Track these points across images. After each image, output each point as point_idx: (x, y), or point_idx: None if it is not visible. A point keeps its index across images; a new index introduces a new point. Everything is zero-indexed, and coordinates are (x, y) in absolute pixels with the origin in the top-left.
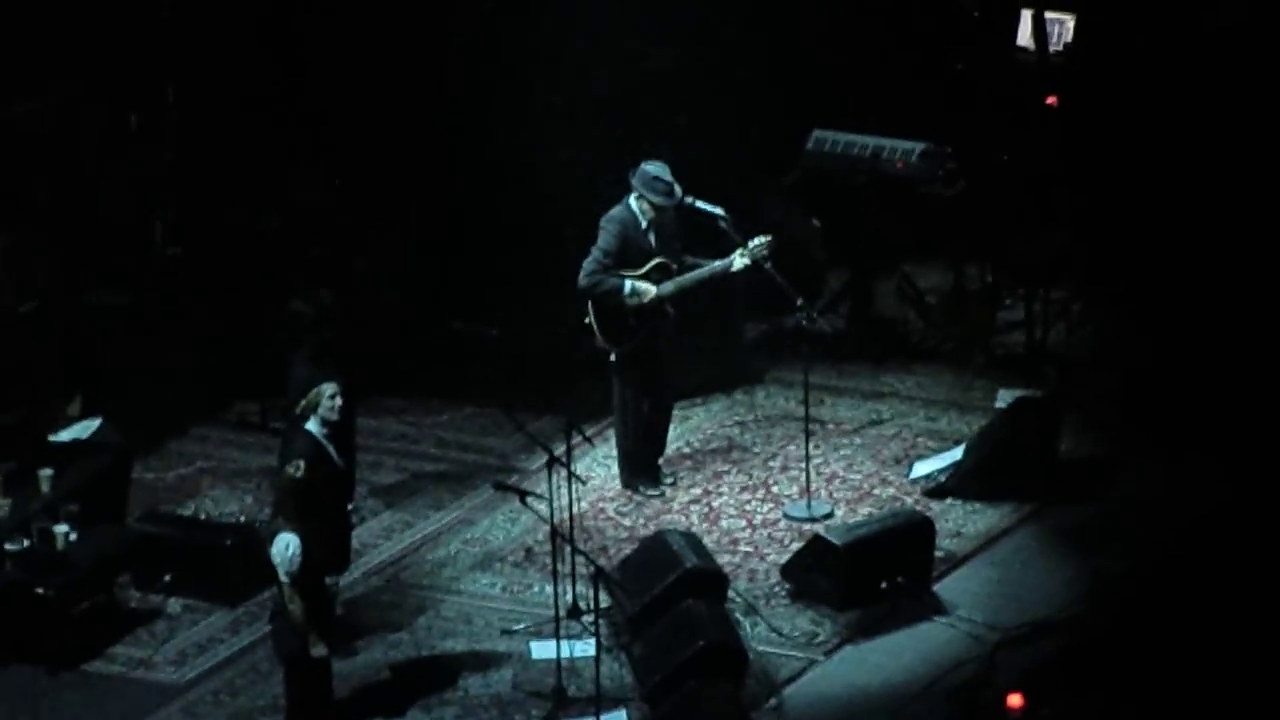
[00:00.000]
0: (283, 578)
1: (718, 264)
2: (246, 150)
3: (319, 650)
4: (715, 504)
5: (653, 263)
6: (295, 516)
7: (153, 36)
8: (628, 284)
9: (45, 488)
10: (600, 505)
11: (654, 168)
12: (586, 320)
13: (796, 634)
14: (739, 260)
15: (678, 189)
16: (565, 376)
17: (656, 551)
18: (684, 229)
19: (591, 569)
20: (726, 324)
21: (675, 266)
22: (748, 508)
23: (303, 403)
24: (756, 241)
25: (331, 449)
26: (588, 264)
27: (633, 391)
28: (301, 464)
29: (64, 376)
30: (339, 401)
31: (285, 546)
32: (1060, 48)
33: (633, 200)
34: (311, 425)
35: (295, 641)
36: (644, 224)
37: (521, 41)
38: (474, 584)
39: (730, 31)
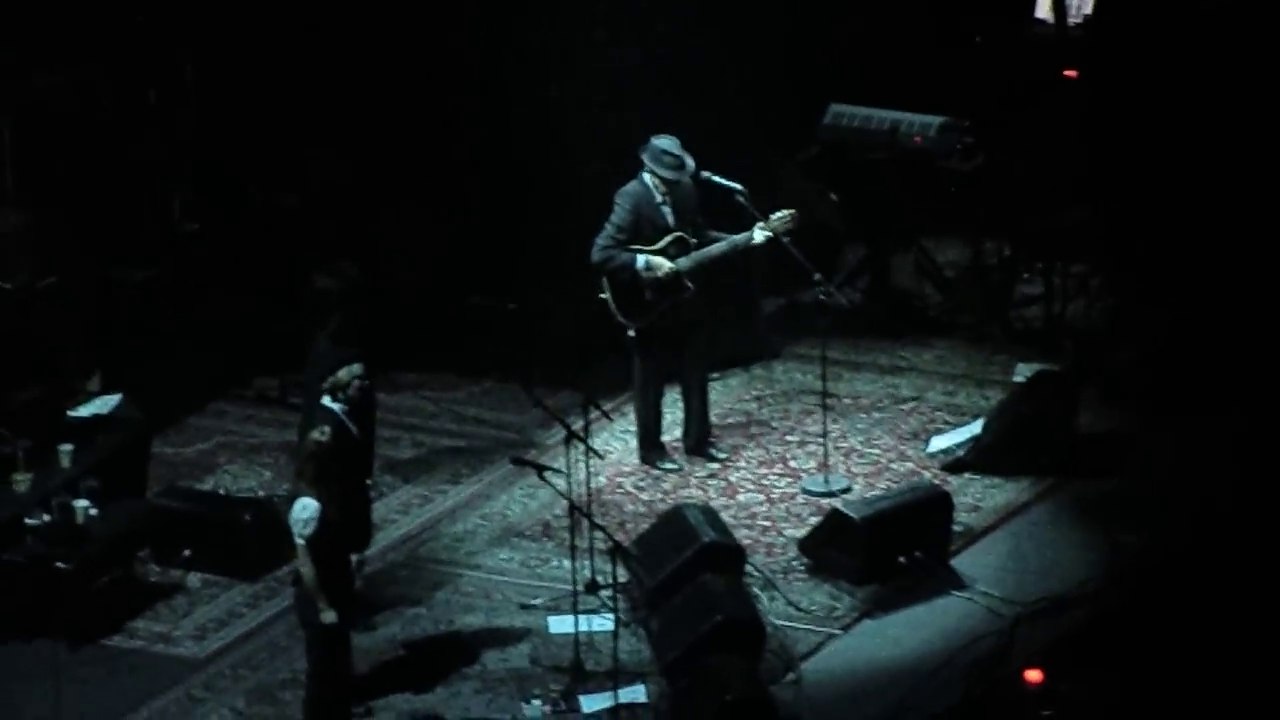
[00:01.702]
0: (297, 539)
1: (737, 238)
2: (265, 127)
3: (328, 616)
4: (733, 478)
5: (669, 237)
6: (316, 481)
7: (172, 14)
8: (641, 259)
9: (65, 463)
10: (618, 480)
11: (663, 141)
12: (602, 296)
13: (814, 608)
14: (759, 234)
15: (689, 162)
16: (583, 351)
17: (674, 526)
18: (705, 204)
19: (609, 544)
20: (744, 299)
21: (693, 241)
22: (765, 482)
23: (331, 380)
24: (778, 215)
25: (351, 424)
26: (600, 239)
27: (650, 367)
28: (327, 429)
29: (83, 352)
30: (366, 382)
31: (303, 509)
32: (1079, 20)
33: (646, 175)
34: (332, 401)
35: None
36: (658, 198)
37: (540, 17)
38: (492, 559)
39: (747, 5)
